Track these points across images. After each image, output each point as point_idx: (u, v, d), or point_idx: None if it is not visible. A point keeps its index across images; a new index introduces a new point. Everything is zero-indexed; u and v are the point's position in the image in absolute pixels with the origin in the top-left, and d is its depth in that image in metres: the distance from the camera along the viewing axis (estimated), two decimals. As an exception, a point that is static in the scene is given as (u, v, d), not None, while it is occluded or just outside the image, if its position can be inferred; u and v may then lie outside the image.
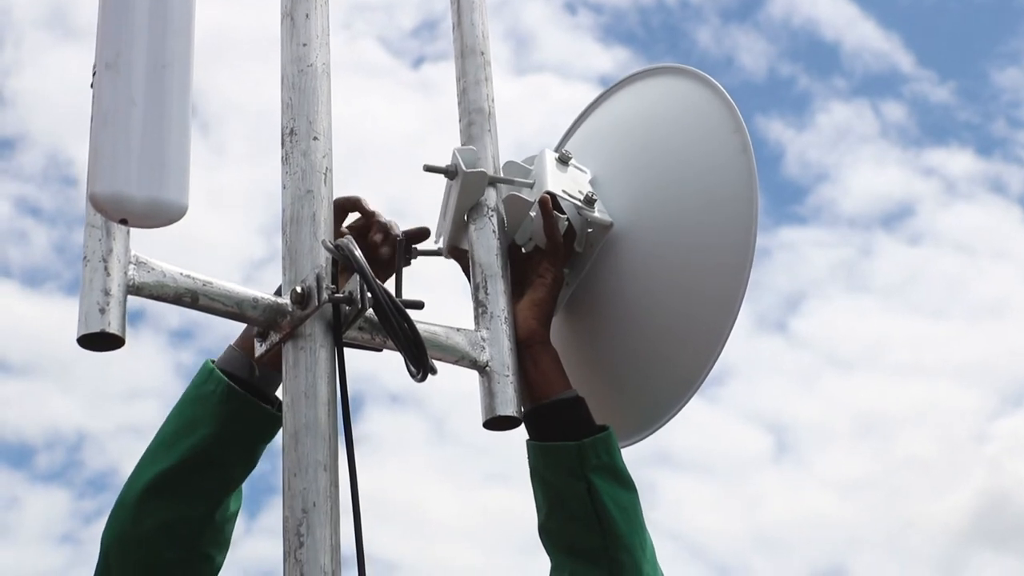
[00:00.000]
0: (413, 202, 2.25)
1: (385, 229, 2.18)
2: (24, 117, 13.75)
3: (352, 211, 2.19)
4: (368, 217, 2.19)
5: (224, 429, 2.03)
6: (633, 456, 2.17)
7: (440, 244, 2.23)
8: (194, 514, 2.04)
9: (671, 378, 2.17)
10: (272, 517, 2.06)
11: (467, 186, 2.15)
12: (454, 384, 2.04)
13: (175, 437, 2.05)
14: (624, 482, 2.06)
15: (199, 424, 2.04)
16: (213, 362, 2.08)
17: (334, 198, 2.03)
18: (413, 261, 2.22)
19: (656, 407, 2.18)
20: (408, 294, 2.15)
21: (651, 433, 2.18)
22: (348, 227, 2.18)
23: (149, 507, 2.03)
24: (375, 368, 2.03)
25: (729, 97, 2.21)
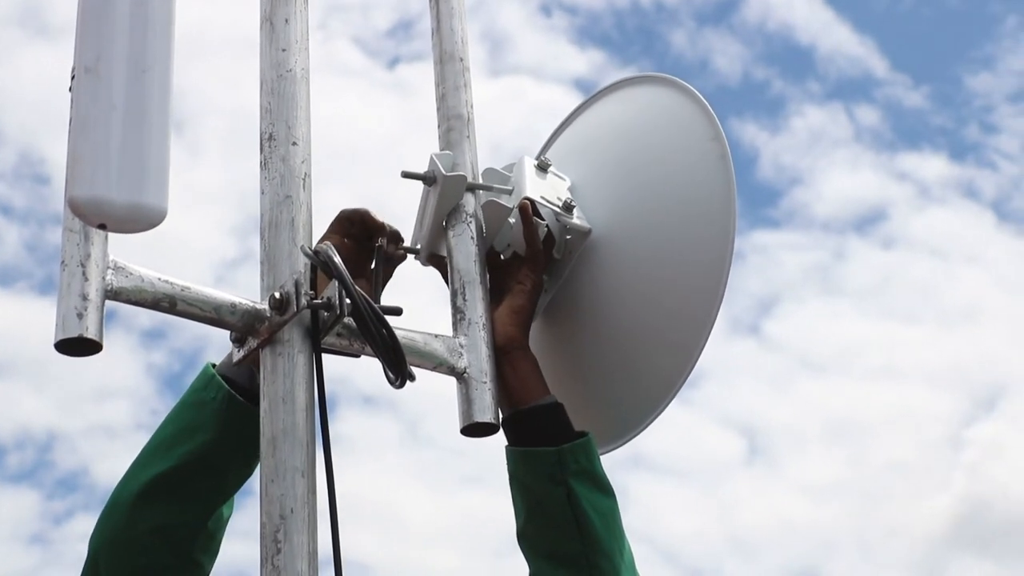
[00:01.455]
0: (390, 203, 2.24)
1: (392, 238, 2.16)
2: (-4, 115, 13.71)
3: (359, 224, 2.15)
4: (377, 230, 2.15)
5: (222, 436, 2.02)
6: (606, 459, 2.17)
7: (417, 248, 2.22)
8: (189, 519, 2.03)
9: (649, 384, 2.17)
10: (246, 520, 2.06)
11: (446, 190, 2.14)
12: (428, 386, 2.04)
13: (172, 441, 2.04)
14: (603, 488, 2.07)
15: (197, 430, 2.03)
16: (214, 366, 2.07)
17: (342, 209, 2.03)
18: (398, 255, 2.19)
19: (634, 413, 2.19)
20: (386, 300, 2.15)
21: (630, 439, 2.19)
22: (349, 235, 2.15)
23: (143, 511, 2.01)
24: (349, 370, 2.03)
25: (708, 105, 2.22)
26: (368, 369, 1.96)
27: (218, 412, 2.03)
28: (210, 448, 2.02)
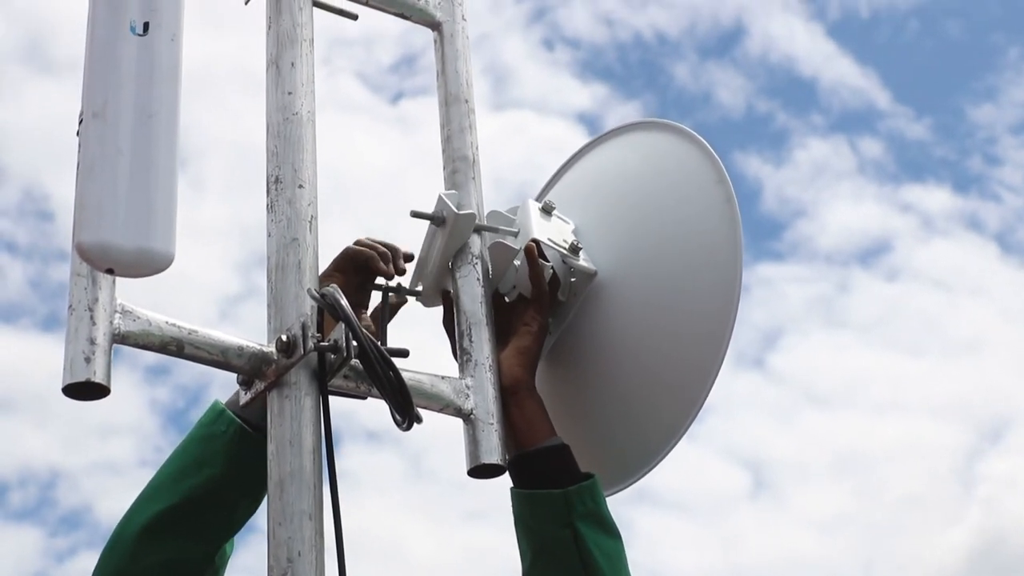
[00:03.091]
0: (392, 238, 2.24)
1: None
2: (0, 151, 13.74)
3: (364, 269, 2.16)
4: (383, 275, 2.17)
5: (232, 470, 2.01)
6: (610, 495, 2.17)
7: (419, 289, 2.22)
8: (195, 554, 2.02)
9: (653, 427, 2.17)
10: (250, 556, 2.06)
11: (456, 228, 2.15)
12: (432, 422, 2.04)
13: (179, 476, 2.03)
14: (609, 530, 2.06)
15: (206, 464, 2.02)
16: (222, 403, 2.06)
17: (347, 246, 2.06)
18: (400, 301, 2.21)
19: (639, 455, 2.18)
20: (393, 337, 2.15)
21: (635, 481, 2.19)
22: (351, 272, 2.15)
23: (149, 545, 2.00)
24: (353, 406, 2.03)
25: (712, 151, 2.23)
26: (372, 404, 1.97)
27: (228, 446, 2.02)
28: (218, 482, 2.01)
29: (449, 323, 2.18)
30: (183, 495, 2.01)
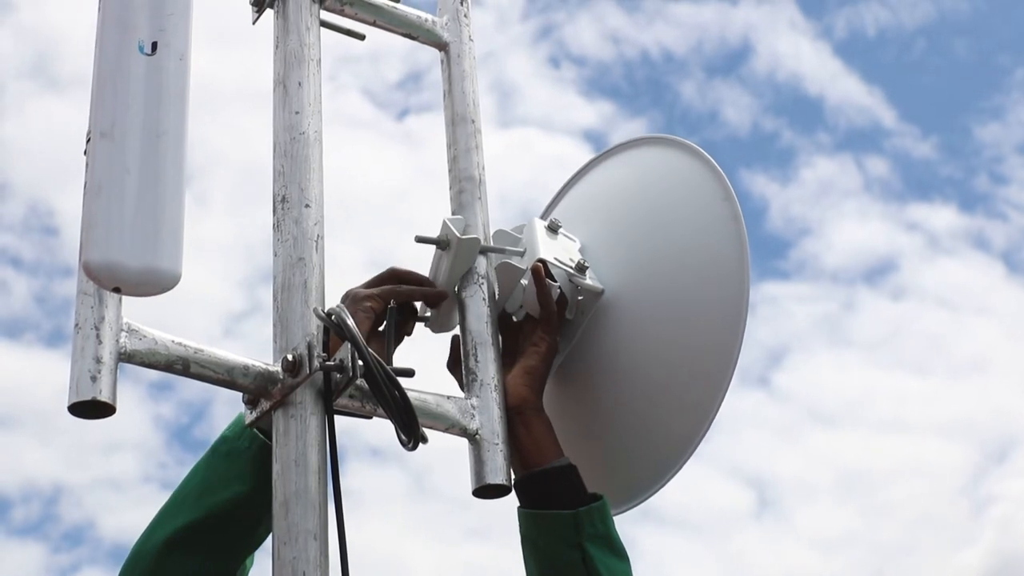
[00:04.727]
0: (397, 255, 2.25)
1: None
2: (5, 166, 13.76)
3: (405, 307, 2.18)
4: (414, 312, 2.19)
5: (257, 487, 1.98)
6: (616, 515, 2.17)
7: (427, 314, 2.23)
8: (217, 569, 2.02)
9: (662, 446, 2.17)
10: (256, 572, 2.06)
11: (461, 253, 2.15)
12: (435, 440, 2.04)
13: (202, 490, 2.02)
14: (618, 552, 2.06)
15: (232, 481, 2.01)
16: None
17: (397, 287, 2.12)
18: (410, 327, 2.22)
19: (647, 475, 2.18)
20: (399, 356, 2.16)
21: (642, 501, 2.19)
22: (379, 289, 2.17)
23: (170, 559, 1.99)
24: (356, 423, 2.03)
25: (718, 167, 2.23)
26: (375, 421, 1.97)
27: (253, 462, 2.00)
28: (243, 499, 2.00)
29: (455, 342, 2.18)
30: (206, 510, 2.01)
